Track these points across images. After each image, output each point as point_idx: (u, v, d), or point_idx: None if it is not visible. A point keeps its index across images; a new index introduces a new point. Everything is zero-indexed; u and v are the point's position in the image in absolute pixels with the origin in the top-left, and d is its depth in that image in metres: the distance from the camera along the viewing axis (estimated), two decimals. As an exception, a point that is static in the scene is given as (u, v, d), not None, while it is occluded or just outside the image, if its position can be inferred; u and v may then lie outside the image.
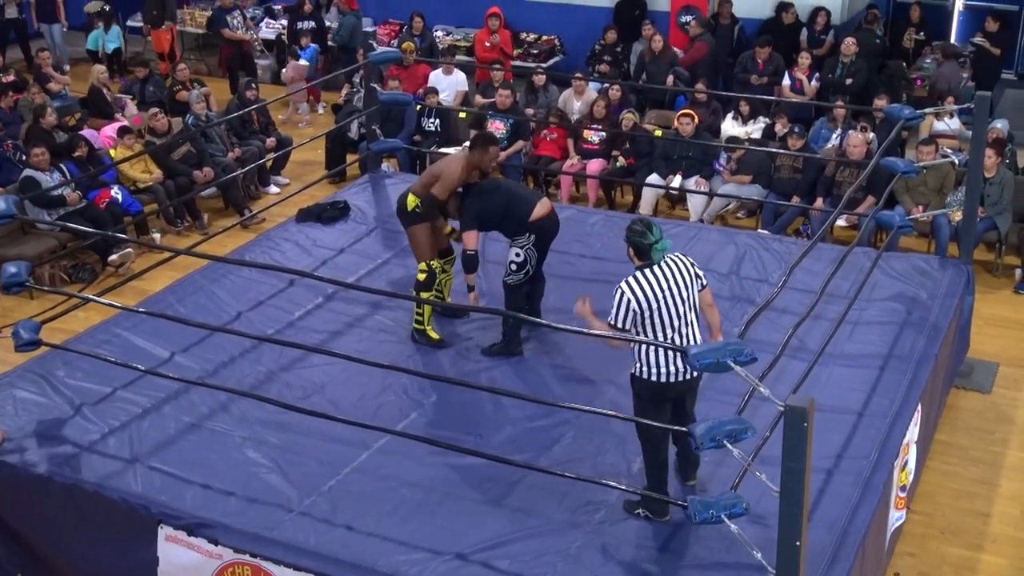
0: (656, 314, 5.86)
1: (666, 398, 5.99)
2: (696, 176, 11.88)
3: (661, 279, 5.89)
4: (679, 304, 5.91)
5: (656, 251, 5.92)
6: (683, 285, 5.94)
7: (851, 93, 13.20)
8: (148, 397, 7.19)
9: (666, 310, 5.88)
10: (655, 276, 5.90)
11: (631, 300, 5.84)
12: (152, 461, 6.56)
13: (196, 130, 12.36)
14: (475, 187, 7.76)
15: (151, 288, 9.38)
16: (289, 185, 13.14)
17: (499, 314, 7.63)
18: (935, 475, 7.90)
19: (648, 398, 5.98)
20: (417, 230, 7.91)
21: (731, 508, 5.19)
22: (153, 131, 12.29)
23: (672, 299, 5.89)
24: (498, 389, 6.55)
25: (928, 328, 7.97)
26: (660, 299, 5.86)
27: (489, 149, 7.69)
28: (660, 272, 5.92)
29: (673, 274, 5.94)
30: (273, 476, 6.46)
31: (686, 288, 5.96)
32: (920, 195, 10.98)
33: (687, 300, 5.95)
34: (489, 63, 14.45)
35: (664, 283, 5.89)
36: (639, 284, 5.86)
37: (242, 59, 16.26)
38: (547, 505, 6.19)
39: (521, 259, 7.69)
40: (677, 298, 5.91)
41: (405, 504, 6.22)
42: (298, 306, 8.42)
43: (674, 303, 5.90)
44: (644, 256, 5.95)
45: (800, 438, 4.77)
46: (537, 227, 7.67)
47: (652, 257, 5.92)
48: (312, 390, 7.31)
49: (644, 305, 5.84)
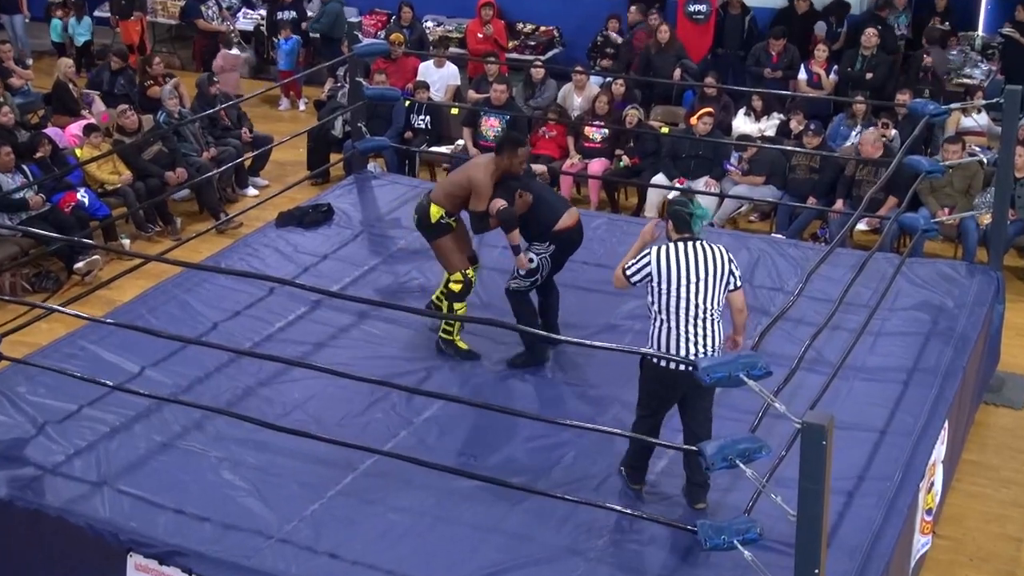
0: (674, 293, 5.96)
1: (674, 386, 6.10)
2: (706, 176, 11.88)
3: (691, 258, 6.00)
4: (701, 292, 5.97)
5: (696, 220, 6.07)
6: (712, 275, 6.01)
7: (871, 88, 13.21)
8: (117, 415, 7.16)
9: (685, 292, 5.96)
10: (685, 254, 6.01)
11: (651, 264, 6.03)
12: (121, 484, 6.53)
13: (168, 128, 12.36)
14: (505, 186, 7.73)
15: (120, 298, 9.36)
16: (268, 187, 13.14)
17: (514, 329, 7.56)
18: (963, 497, 7.89)
19: (654, 380, 6.14)
20: (444, 241, 7.90)
21: (744, 533, 5.17)
22: (122, 129, 12.28)
23: (695, 284, 5.97)
24: (493, 406, 6.53)
25: (955, 339, 7.96)
26: (682, 278, 5.96)
27: (518, 152, 7.67)
28: (692, 252, 6.02)
29: (705, 260, 6.02)
30: (251, 500, 6.43)
31: (714, 279, 6.02)
32: (946, 196, 10.99)
33: (712, 292, 6.01)
34: (483, 56, 14.46)
35: (692, 264, 5.98)
36: (667, 254, 6.02)
37: (218, 52, 16.23)
38: (546, 531, 6.17)
39: (534, 265, 7.68)
40: (701, 285, 5.98)
41: (393, 530, 6.20)
42: (278, 316, 8.40)
43: (696, 289, 5.97)
44: (683, 227, 6.11)
45: (818, 457, 4.76)
46: (561, 238, 7.68)
47: (692, 227, 6.07)
48: (293, 407, 7.29)
49: (663, 276, 5.98)
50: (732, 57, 14.61)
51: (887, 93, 12.81)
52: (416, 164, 13.06)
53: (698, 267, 5.99)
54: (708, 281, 6.00)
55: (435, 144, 13.10)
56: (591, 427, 6.18)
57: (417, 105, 12.99)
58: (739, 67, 14.47)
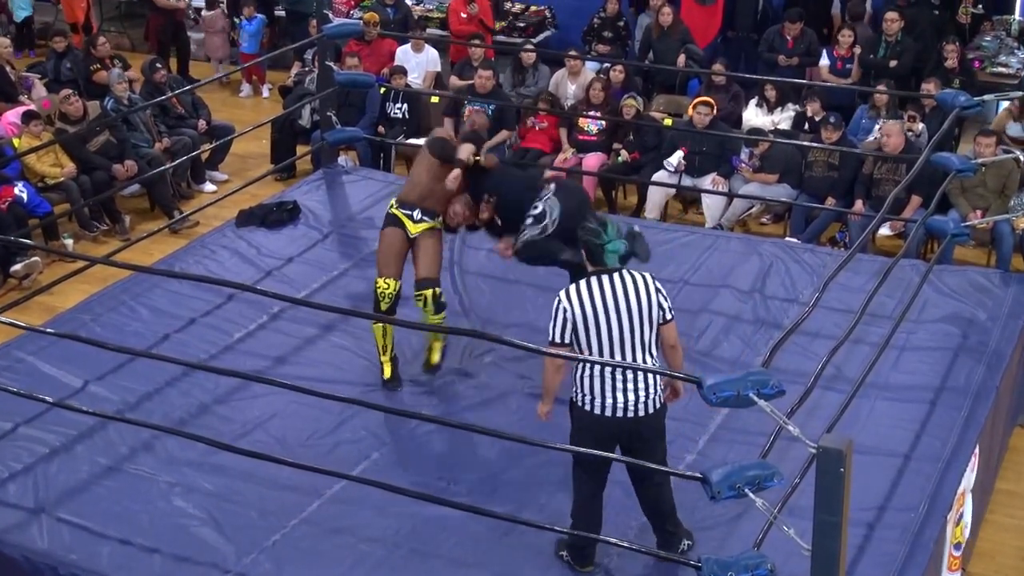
0: (594, 332, 5.89)
1: (605, 436, 5.97)
2: (712, 174, 11.91)
3: (608, 292, 5.92)
4: (625, 329, 5.90)
5: (608, 253, 5.96)
6: (636, 308, 5.93)
7: (896, 77, 13.24)
8: (57, 434, 7.16)
9: (607, 330, 5.89)
10: (601, 287, 5.93)
11: (567, 309, 5.92)
12: (61, 512, 6.52)
13: (117, 116, 12.34)
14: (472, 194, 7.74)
15: (62, 304, 9.35)
16: (228, 182, 13.13)
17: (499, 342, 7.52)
18: (996, 530, 7.91)
19: (583, 429, 6.01)
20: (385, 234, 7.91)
21: (753, 570, 5.17)
22: (65, 117, 12.26)
23: (618, 319, 5.89)
24: (474, 426, 6.53)
25: (988, 355, 7.99)
26: (602, 315, 5.88)
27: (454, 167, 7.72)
28: (610, 285, 5.94)
29: (627, 292, 5.94)
30: (206, 529, 6.43)
31: (639, 313, 5.93)
32: (979, 197, 11.01)
33: (638, 328, 5.93)
34: (467, 38, 14.45)
35: (612, 298, 5.91)
36: (579, 293, 5.93)
37: (174, 31, 16.23)
38: (533, 567, 6.18)
39: (539, 210, 7.53)
40: (624, 320, 5.90)
41: (364, 562, 6.20)
42: (238, 326, 8.40)
43: (619, 325, 5.89)
44: (594, 259, 6.02)
45: (836, 486, 4.76)
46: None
47: (604, 261, 5.97)
48: (253, 426, 7.30)
49: (580, 318, 5.88)
50: (743, 41, 14.61)
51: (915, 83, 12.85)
52: (392, 158, 13.05)
53: (619, 302, 5.91)
54: (635, 317, 5.92)
55: (413, 136, 13.08)
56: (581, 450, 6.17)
57: (393, 92, 12.98)
58: (751, 52, 14.48)
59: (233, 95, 16.13)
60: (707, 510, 6.30)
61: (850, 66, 13.50)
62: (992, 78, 13.86)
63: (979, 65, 14.04)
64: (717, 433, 7.24)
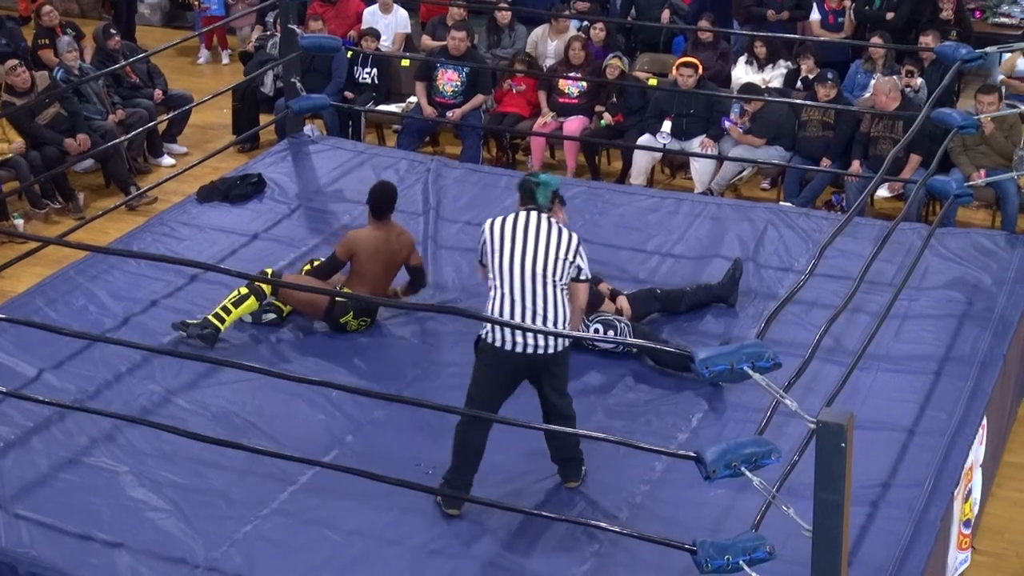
0: (500, 260, 6.29)
1: (505, 371, 6.31)
2: (701, 136, 11.90)
3: (526, 225, 6.34)
4: (534, 268, 6.23)
5: (541, 189, 6.40)
6: (550, 246, 6.28)
7: (892, 30, 13.24)
8: (11, 427, 7.13)
9: (510, 263, 6.26)
10: (520, 221, 6.35)
11: (484, 231, 6.45)
12: (18, 507, 6.51)
13: (68, 87, 12.27)
14: None
15: (13, 288, 9.32)
16: (187, 155, 13.09)
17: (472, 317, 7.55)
18: (1006, 506, 7.94)
19: (485, 361, 6.38)
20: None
21: (751, 552, 5.18)
22: (12, 89, 12.18)
23: (527, 258, 6.25)
24: (454, 408, 6.52)
25: (994, 322, 8.02)
26: (512, 247, 6.28)
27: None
28: (529, 219, 6.35)
29: (544, 230, 6.33)
30: (171, 522, 6.42)
31: (555, 252, 6.28)
32: (982, 156, 11.03)
33: (546, 271, 6.26)
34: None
35: (526, 230, 6.32)
36: (501, 221, 6.42)
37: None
38: (519, 555, 6.19)
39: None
40: (533, 259, 6.25)
41: (339, 556, 6.20)
42: (201, 308, 8.36)
43: (527, 263, 6.24)
44: (527, 198, 6.47)
45: (836, 462, 4.78)
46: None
47: (536, 198, 6.39)
48: (219, 413, 7.28)
49: (491, 242, 6.34)
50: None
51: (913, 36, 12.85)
52: (361, 126, 13.02)
53: (534, 234, 6.31)
54: (547, 251, 6.27)
55: (383, 102, 13.06)
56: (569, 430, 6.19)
57: (361, 56, 12.94)
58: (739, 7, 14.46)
59: (191, 62, 16.06)
60: (702, 490, 6.31)
61: (842, 19, 13.52)
62: (993, 28, 13.88)
63: (980, 15, 14.05)
64: (711, 409, 7.25)
